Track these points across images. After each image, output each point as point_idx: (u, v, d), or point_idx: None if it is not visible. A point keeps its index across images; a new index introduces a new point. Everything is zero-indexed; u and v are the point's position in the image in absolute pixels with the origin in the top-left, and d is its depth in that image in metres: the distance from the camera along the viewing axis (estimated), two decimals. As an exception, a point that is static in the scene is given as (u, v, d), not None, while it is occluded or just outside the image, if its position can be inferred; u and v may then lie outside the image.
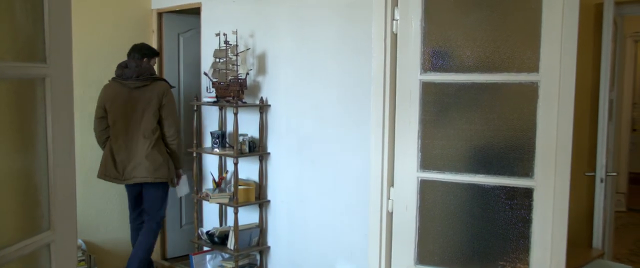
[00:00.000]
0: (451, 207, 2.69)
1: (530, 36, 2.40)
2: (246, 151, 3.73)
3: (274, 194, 3.78)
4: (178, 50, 4.84)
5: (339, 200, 3.37)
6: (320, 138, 3.45)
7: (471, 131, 2.62)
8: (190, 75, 4.87)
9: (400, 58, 2.74)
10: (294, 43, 3.56)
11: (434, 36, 2.66)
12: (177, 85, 4.85)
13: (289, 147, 3.65)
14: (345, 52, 3.27)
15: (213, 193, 3.84)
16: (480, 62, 2.55)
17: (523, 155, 2.46)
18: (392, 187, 2.86)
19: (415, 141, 2.73)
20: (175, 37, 4.81)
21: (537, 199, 2.43)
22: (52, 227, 1.48)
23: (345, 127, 3.30)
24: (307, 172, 3.54)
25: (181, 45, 4.85)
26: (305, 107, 3.51)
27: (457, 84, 2.62)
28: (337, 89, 3.32)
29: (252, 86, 3.83)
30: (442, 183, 2.70)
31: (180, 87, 4.87)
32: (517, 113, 2.48)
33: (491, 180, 2.55)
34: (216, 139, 3.93)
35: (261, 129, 3.76)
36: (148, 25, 4.66)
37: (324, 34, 3.37)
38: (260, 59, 3.78)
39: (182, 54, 4.85)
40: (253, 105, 3.74)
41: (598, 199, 3.31)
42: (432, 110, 2.70)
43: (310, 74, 3.47)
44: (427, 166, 2.73)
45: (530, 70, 2.41)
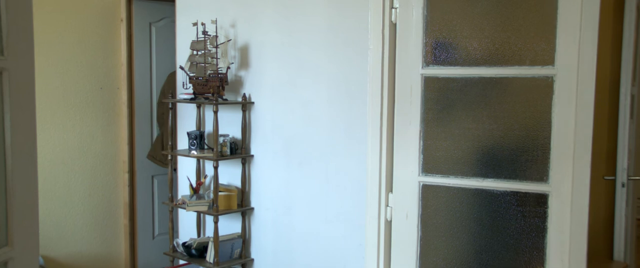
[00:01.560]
0: (457, 215, 2.70)
1: (544, 25, 2.41)
2: (227, 153, 3.72)
3: (258, 201, 3.77)
4: (150, 42, 4.81)
5: (330, 207, 3.36)
6: (310, 139, 3.44)
7: (479, 131, 2.63)
8: (163, 69, 4.84)
9: (400, 50, 2.74)
10: (280, 34, 3.55)
11: (438, 26, 2.66)
12: (149, 81, 4.83)
13: (274, 149, 3.64)
14: (337, 43, 3.26)
15: (190, 201, 3.81)
16: (488, 55, 2.56)
17: (537, 158, 2.47)
18: (391, 193, 2.86)
19: (417, 142, 2.73)
20: (147, 26, 4.78)
21: (553, 206, 2.43)
22: (10, 242, 1.45)
23: (337, 127, 3.29)
24: (295, 177, 3.53)
25: (153, 35, 4.82)
26: (293, 104, 3.50)
27: (463, 79, 2.62)
28: (329, 84, 3.31)
29: (233, 81, 3.81)
30: (446, 189, 2.70)
31: (153, 83, 4.85)
32: (530, 111, 2.48)
33: (501, 185, 2.56)
34: (193, 140, 3.91)
35: (244, 129, 3.75)
36: (116, 13, 4.62)
37: (314, 24, 3.36)
38: (242, 52, 3.76)
39: (155, 45, 4.82)
40: (235, 102, 3.72)
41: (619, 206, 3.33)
42: (435, 108, 2.70)
43: (299, 68, 3.46)
44: (429, 170, 2.73)
45: (544, 63, 2.42)
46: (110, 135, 4.65)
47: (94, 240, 4.52)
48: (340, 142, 3.28)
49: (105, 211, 4.64)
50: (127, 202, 4.75)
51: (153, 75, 4.85)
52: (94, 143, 4.54)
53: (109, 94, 4.62)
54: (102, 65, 4.55)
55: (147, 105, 4.84)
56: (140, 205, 4.85)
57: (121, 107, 4.69)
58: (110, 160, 4.66)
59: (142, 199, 4.86)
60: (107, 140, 4.62)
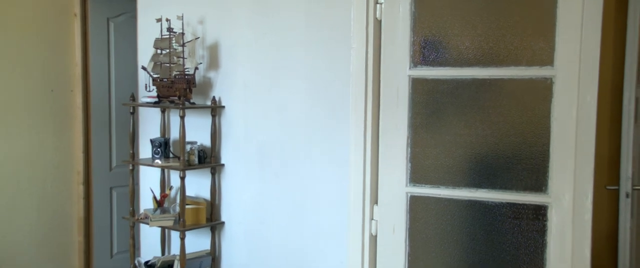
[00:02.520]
0: (448, 229, 2.70)
1: (543, 22, 2.43)
2: (195, 162, 3.70)
3: (229, 214, 3.75)
4: (108, 39, 4.78)
5: (309, 221, 3.36)
6: (287, 147, 3.43)
7: (471, 137, 2.64)
8: (123, 70, 4.81)
9: (386, 49, 2.75)
10: (253, 31, 3.54)
11: (426, 23, 2.67)
12: (107, 82, 4.79)
13: (247, 158, 3.62)
14: (317, 42, 3.26)
15: (153, 215, 3.79)
16: (482, 54, 2.57)
17: (535, 166, 2.49)
18: (376, 205, 2.86)
19: (404, 149, 2.73)
20: (104, 22, 4.75)
21: (553, 219, 2.45)
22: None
23: (317, 133, 3.29)
24: (270, 188, 3.52)
25: (112, 32, 4.79)
26: (268, 108, 3.50)
27: (454, 81, 2.63)
28: (308, 87, 3.31)
29: (202, 83, 3.79)
30: (436, 200, 2.71)
31: (112, 85, 4.81)
32: (527, 115, 2.50)
33: (496, 196, 2.57)
34: (157, 148, 3.88)
35: (213, 136, 3.73)
36: (69, 7, 4.57)
37: (292, 21, 3.36)
38: (211, 51, 3.75)
39: (113, 43, 4.80)
40: (203, 106, 3.70)
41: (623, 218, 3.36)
42: (424, 112, 2.71)
43: (275, 69, 3.46)
44: (418, 180, 2.73)
45: (543, 64, 2.44)
46: (63, 142, 4.58)
47: (43, 261, 4.45)
48: (320, 150, 3.28)
49: (56, 227, 4.58)
50: (82, 216, 4.69)
51: (111, 76, 4.82)
52: (44, 152, 4.48)
53: (62, 97, 4.56)
54: (53, 64, 4.49)
55: (105, 109, 4.80)
56: (97, 220, 4.80)
57: (75, 112, 4.63)
58: (63, 170, 4.59)
59: (99, 214, 4.82)
60: (59, 149, 4.56)
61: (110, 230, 4.91)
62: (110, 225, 4.88)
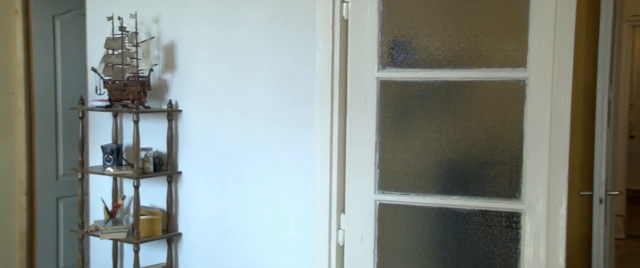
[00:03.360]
0: (418, 238, 2.74)
1: (515, 22, 2.48)
2: (150, 170, 3.67)
3: (187, 225, 3.74)
4: (54, 38, 4.72)
5: (273, 231, 3.36)
6: (248, 153, 3.43)
7: (442, 142, 2.68)
8: (71, 72, 4.76)
9: (353, 50, 2.77)
10: (212, 30, 3.54)
11: (395, 23, 2.71)
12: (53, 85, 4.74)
13: (207, 165, 3.61)
14: (281, 43, 3.27)
15: (105, 227, 3.75)
16: (453, 56, 2.62)
17: (508, 172, 2.54)
18: (343, 213, 2.88)
19: (372, 155, 2.76)
20: (50, 20, 4.70)
21: (526, 226, 2.50)
22: None
23: (280, 139, 3.30)
24: (231, 196, 3.52)
25: (58, 31, 4.75)
26: (229, 112, 3.49)
27: (424, 83, 2.67)
28: (270, 90, 3.32)
29: (157, 86, 3.77)
30: (406, 208, 2.74)
31: (58, 88, 4.77)
32: (500, 118, 2.55)
33: (468, 203, 2.61)
34: (109, 155, 3.85)
35: (170, 142, 3.71)
36: (9, 3, 4.50)
37: (253, 19, 3.36)
38: (167, 51, 3.73)
39: (60, 42, 4.75)
40: (159, 110, 3.68)
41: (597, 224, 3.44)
42: (393, 116, 2.74)
43: (235, 71, 3.46)
44: (387, 187, 2.76)
45: (515, 65, 2.49)
46: (3, 149, 4.50)
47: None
48: (284, 156, 3.29)
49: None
50: (25, 230, 4.61)
51: (58, 78, 4.76)
52: (-18, 160, 4.41)
53: (2, 101, 4.48)
54: (-7, 65, 4.43)
55: (50, 114, 4.74)
56: (41, 233, 4.73)
57: (17, 116, 4.55)
58: (4, 180, 4.51)
59: (44, 226, 4.75)
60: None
61: (56, 245, 4.83)
62: (56, 238, 4.81)
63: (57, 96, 4.76)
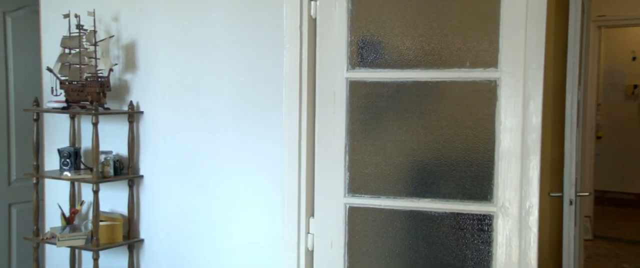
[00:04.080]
0: (389, 241, 2.75)
1: (486, 22, 2.51)
2: (110, 174, 3.64)
3: (149, 231, 3.71)
4: (4, 36, 4.67)
5: (239, 236, 3.36)
6: (213, 156, 3.42)
7: (413, 143, 2.70)
8: (24, 72, 4.70)
9: (321, 50, 2.78)
10: (175, 29, 3.52)
11: (365, 22, 2.72)
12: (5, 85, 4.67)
13: (170, 168, 3.59)
14: (247, 42, 3.27)
15: (62, 234, 3.70)
16: (423, 55, 2.64)
17: (480, 174, 2.57)
18: (312, 217, 2.88)
19: (342, 157, 2.77)
20: (1, 17, 4.65)
21: (499, 228, 2.54)
22: None
23: (247, 141, 3.30)
24: (196, 200, 3.51)
25: (9, 28, 4.70)
26: (193, 114, 3.48)
27: (394, 83, 2.69)
28: (236, 90, 3.31)
29: (117, 87, 3.73)
30: (377, 211, 2.76)
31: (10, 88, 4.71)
32: (471, 119, 2.58)
33: (440, 206, 2.64)
34: (66, 159, 3.80)
35: (131, 144, 3.68)
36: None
37: (218, 18, 3.35)
38: (128, 51, 3.70)
39: (12, 41, 4.70)
40: (119, 112, 3.65)
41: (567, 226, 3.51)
42: (362, 118, 2.75)
43: (199, 71, 3.44)
44: (357, 189, 2.77)
45: (487, 65, 2.52)
46: (-48, 154, 4.43)
47: None
48: (250, 158, 3.28)
49: (-55, 251, 4.41)
50: (-26, 239, 4.55)
51: (10, 78, 4.70)
52: None
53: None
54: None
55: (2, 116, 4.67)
56: (-8, 240, 4.67)
57: (-34, 119, 4.48)
58: (-47, 185, 4.44)
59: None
60: (-53, 161, 4.40)
61: (9, 253, 4.78)
62: (8, 247, 4.76)
63: (9, 97, 4.69)
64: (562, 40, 3.76)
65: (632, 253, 6.99)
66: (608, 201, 9.07)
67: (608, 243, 7.30)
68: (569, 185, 3.46)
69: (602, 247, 7.15)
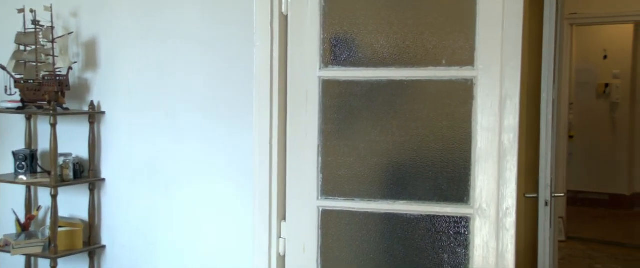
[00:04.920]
0: (364, 245, 2.76)
1: (462, 19, 2.53)
2: (70, 178, 3.64)
3: (111, 237, 3.71)
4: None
5: (207, 241, 3.36)
6: (180, 157, 3.42)
7: (388, 144, 2.71)
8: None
9: (293, 48, 2.78)
10: (138, 26, 3.52)
11: (338, 19, 2.72)
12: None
13: (133, 171, 3.59)
14: (214, 39, 3.27)
15: (17, 241, 3.67)
16: (398, 54, 2.65)
17: (456, 175, 2.59)
18: (284, 221, 2.88)
19: (314, 159, 2.77)
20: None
21: (476, 231, 2.57)
22: None
23: (215, 141, 3.30)
24: (161, 205, 3.51)
25: (-40, 24, 4.59)
26: (158, 115, 3.48)
27: (368, 83, 2.69)
28: (204, 89, 3.32)
29: (77, 86, 3.71)
30: (351, 214, 2.76)
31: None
32: (448, 120, 2.60)
33: (416, 209, 2.65)
34: (22, 162, 3.78)
35: (92, 146, 3.67)
36: None
37: (184, 14, 3.36)
38: (88, 48, 3.69)
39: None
40: (79, 112, 3.64)
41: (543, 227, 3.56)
42: (336, 118, 2.75)
43: (165, 69, 3.44)
44: (330, 192, 2.78)
45: (463, 64, 2.54)
46: None
47: None
48: (219, 160, 3.29)
49: None
50: None
51: (-40, 76, 4.61)
52: None
53: None
54: None
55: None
56: None
57: None
58: None
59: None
60: None
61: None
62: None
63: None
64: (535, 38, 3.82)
65: (606, 254, 7.14)
66: (581, 201, 9.24)
67: (581, 244, 7.45)
68: (545, 186, 3.51)
69: (575, 248, 7.28)
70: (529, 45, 3.96)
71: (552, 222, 3.74)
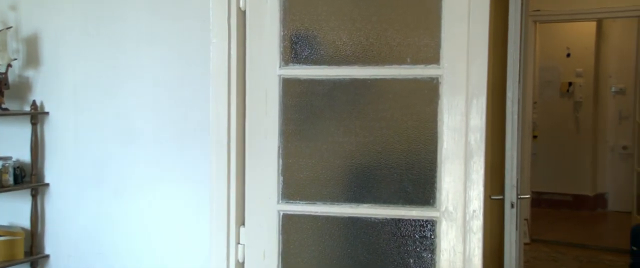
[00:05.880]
0: (327, 250, 2.79)
1: (427, 15, 2.58)
2: (9, 183, 3.61)
3: (56, 246, 3.68)
4: None
5: (160, 248, 3.35)
6: (130, 161, 3.41)
7: (351, 145, 2.74)
8: None
9: (252, 45, 2.79)
10: (85, 21, 3.49)
11: (299, 14, 2.74)
12: None
13: (80, 175, 3.56)
14: (168, 35, 3.26)
15: (-50, 252, 3.62)
16: (361, 51, 2.68)
17: (422, 177, 2.63)
18: (243, 226, 2.89)
19: (275, 161, 2.78)
20: None
21: (442, 235, 2.61)
22: None
23: (168, 143, 3.29)
24: (110, 211, 3.49)
25: None
26: (106, 115, 3.46)
27: (330, 81, 2.72)
28: (157, 88, 3.31)
29: (17, 84, 3.68)
30: (313, 219, 2.78)
31: None
32: (413, 120, 2.64)
33: (380, 212, 2.68)
34: (-43, 166, 3.72)
35: (34, 149, 3.63)
36: None
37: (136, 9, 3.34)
38: (29, 44, 3.65)
39: None
40: (20, 113, 3.60)
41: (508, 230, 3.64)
42: (297, 118, 2.77)
43: (114, 68, 3.42)
44: (291, 195, 2.79)
45: (428, 62, 2.58)
46: None
47: None
48: (173, 163, 3.28)
49: None
50: None
51: None
52: None
53: None
54: None
55: None
56: None
57: None
58: None
59: None
60: None
61: None
62: None
63: None
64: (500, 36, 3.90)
65: (570, 257, 7.31)
66: (545, 203, 9.43)
67: (545, 247, 7.61)
68: (511, 187, 3.59)
69: (539, 251, 7.44)
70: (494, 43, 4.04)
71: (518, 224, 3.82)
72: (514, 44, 3.59)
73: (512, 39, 3.59)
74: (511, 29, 3.58)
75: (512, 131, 3.63)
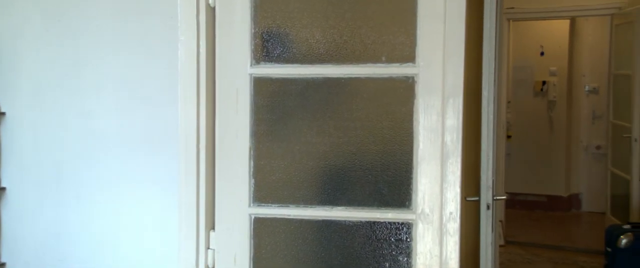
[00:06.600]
0: (300, 255, 2.80)
1: (402, 12, 2.60)
2: (-36, 187, 3.55)
3: (13, 253, 3.63)
4: None
5: (126, 254, 3.33)
6: (93, 163, 3.39)
7: (325, 146, 2.76)
8: None
9: (221, 43, 2.79)
10: (44, 17, 3.46)
11: (271, 11, 2.75)
12: None
13: (39, 178, 3.53)
14: (133, 33, 3.25)
15: None
16: (335, 49, 2.70)
17: (397, 178, 2.66)
18: (213, 230, 2.89)
19: (246, 162, 2.79)
20: None
21: (419, 237, 2.64)
22: None
23: (133, 145, 3.28)
24: (72, 215, 3.46)
25: None
26: (68, 115, 3.43)
27: (303, 80, 2.73)
28: (120, 87, 3.30)
29: (-28, 83, 3.63)
30: (286, 222, 2.80)
31: None
32: (388, 120, 2.67)
33: (354, 215, 2.70)
34: None
35: (-9, 152, 3.59)
36: None
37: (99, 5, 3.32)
38: (-16, 40, 3.61)
39: None
40: (-24, 113, 3.55)
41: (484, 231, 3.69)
42: (269, 118, 2.78)
43: (75, 66, 3.40)
44: (263, 198, 2.80)
45: (404, 60, 2.61)
46: None
47: None
48: (138, 165, 3.27)
49: None
50: None
51: None
52: None
53: None
54: None
55: None
56: None
57: None
58: None
59: None
60: None
61: None
62: None
63: None
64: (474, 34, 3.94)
65: (545, 258, 7.42)
66: (519, 204, 9.55)
67: (520, 249, 7.72)
68: (486, 188, 3.63)
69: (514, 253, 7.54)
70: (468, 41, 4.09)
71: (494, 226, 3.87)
72: (489, 42, 3.63)
73: (487, 37, 3.64)
74: (486, 26, 3.63)
75: (488, 131, 3.67)
